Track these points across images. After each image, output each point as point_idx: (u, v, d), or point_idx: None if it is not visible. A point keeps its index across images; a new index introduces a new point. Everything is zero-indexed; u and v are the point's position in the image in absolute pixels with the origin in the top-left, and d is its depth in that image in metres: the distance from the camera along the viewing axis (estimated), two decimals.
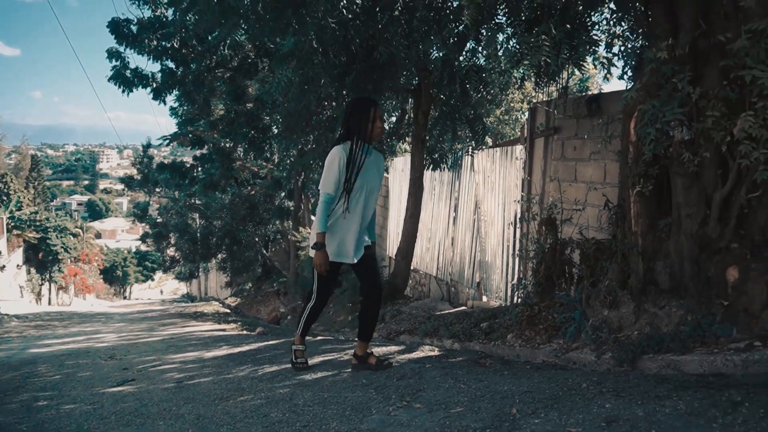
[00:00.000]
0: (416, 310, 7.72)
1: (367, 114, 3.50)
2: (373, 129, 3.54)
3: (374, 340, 6.59)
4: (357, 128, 3.50)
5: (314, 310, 3.97)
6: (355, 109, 3.56)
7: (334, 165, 3.49)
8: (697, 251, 3.49)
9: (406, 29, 4.76)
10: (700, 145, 3.34)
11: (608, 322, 3.98)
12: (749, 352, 2.97)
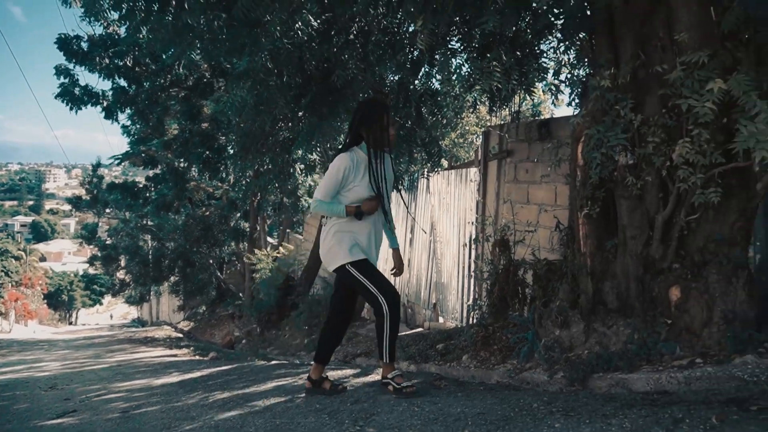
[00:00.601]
0: (373, 333, 7.68)
1: (381, 122, 3.32)
2: (387, 137, 3.37)
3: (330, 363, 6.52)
4: (371, 136, 3.32)
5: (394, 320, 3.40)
6: (366, 116, 3.36)
7: (339, 173, 3.28)
8: (642, 271, 3.62)
9: (361, 52, 4.81)
10: (643, 169, 3.48)
11: (560, 341, 4.05)
12: (691, 369, 3.08)
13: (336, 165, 3.27)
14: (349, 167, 3.27)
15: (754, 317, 3.28)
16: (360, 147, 3.35)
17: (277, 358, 7.99)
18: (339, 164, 3.26)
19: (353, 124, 3.40)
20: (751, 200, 3.31)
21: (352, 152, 3.33)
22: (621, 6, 3.60)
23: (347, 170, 3.26)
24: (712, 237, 3.36)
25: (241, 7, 4.01)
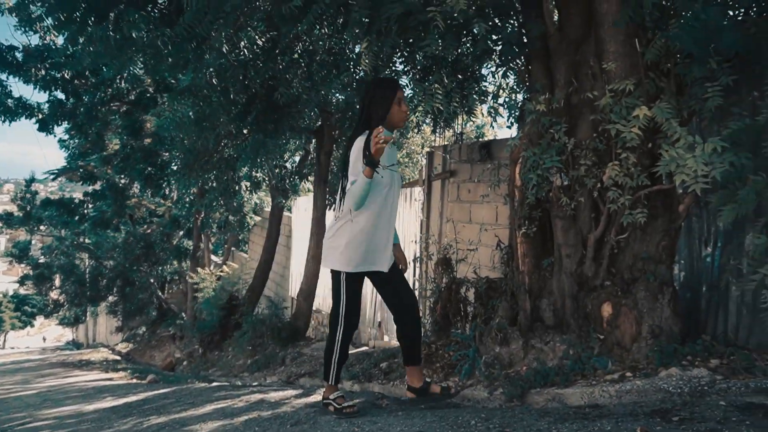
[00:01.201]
0: (318, 352, 7.59)
1: (390, 96, 3.05)
2: (395, 115, 3.08)
3: (272, 384, 6.39)
4: (377, 113, 3.03)
5: (345, 339, 3.25)
6: (375, 92, 3.10)
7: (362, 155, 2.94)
8: (577, 289, 3.75)
9: (306, 72, 4.83)
10: (576, 190, 3.63)
11: (500, 358, 4.13)
12: (622, 383, 3.20)
13: (357, 148, 2.97)
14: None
15: (678, 331, 3.46)
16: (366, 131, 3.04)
17: (218, 379, 7.76)
18: (359, 147, 2.96)
19: (364, 104, 3.12)
20: (674, 221, 3.50)
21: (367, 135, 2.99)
22: (555, 35, 3.77)
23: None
24: (639, 255, 3.53)
25: (185, 22, 3.97)
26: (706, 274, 3.85)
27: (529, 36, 3.79)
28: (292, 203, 11.87)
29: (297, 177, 8.86)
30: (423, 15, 3.51)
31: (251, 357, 8.75)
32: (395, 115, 3.10)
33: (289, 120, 5.81)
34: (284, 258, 12.45)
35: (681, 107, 3.28)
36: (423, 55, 4.66)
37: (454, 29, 3.81)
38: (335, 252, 3.18)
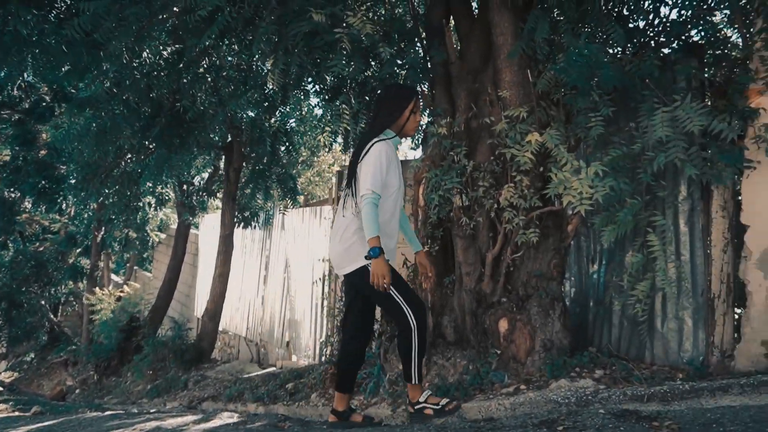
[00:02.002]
0: (223, 374, 7.33)
1: (406, 104, 2.93)
2: (408, 122, 2.96)
3: (171, 410, 6.08)
4: (390, 118, 2.91)
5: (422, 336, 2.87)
6: (392, 96, 2.98)
7: (384, 160, 2.79)
8: (476, 305, 3.89)
9: (212, 87, 4.72)
10: (475, 210, 3.79)
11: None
12: (516, 396, 3.33)
13: (379, 151, 2.80)
14: (389, 156, 2.86)
15: (568, 344, 3.66)
16: (385, 134, 2.92)
17: (113, 407, 7.26)
18: (382, 150, 2.81)
19: (380, 109, 2.98)
20: (564, 240, 3.74)
21: (384, 140, 2.88)
22: (457, 62, 3.95)
23: (389, 159, 2.85)
24: (533, 273, 3.72)
25: (77, 25, 3.75)
26: (593, 290, 4.12)
27: (433, 62, 3.94)
28: (200, 220, 11.46)
29: (205, 194, 8.58)
30: (330, 36, 3.56)
31: (151, 382, 8.28)
32: (409, 124, 2.97)
33: (196, 135, 5.63)
34: (190, 277, 11.96)
35: (569, 134, 3.53)
36: (332, 76, 4.71)
37: (362, 51, 3.89)
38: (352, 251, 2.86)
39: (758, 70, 2.95)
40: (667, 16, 3.60)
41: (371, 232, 2.70)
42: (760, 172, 2.98)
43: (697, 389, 2.46)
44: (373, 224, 2.70)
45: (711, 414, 2.08)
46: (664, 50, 3.59)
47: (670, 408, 2.42)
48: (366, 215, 2.71)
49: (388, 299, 2.82)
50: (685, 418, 2.12)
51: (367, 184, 2.73)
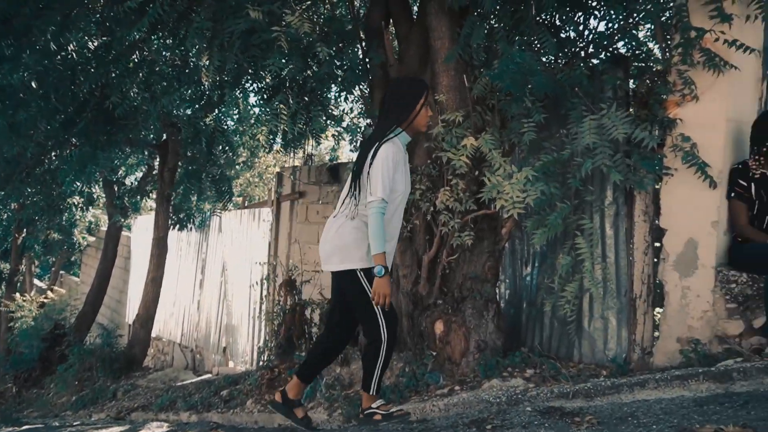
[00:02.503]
0: (155, 383, 7.05)
1: (418, 99, 2.80)
2: (419, 118, 2.84)
3: (97, 422, 5.79)
4: (402, 113, 2.79)
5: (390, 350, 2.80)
6: (402, 91, 2.86)
7: (392, 163, 2.68)
8: (412, 308, 3.91)
9: (144, 82, 4.54)
10: (412, 213, 3.81)
11: (340, 379, 4.16)
12: (450, 397, 3.37)
13: (386, 155, 2.70)
14: (396, 158, 2.75)
15: (501, 345, 3.74)
16: (393, 132, 2.81)
17: (33, 421, 6.84)
18: (389, 153, 2.70)
19: (389, 107, 2.85)
20: (498, 242, 3.82)
21: (392, 141, 2.78)
22: (395, 65, 3.97)
23: (397, 162, 2.75)
24: (468, 275, 3.78)
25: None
26: (526, 292, 4.23)
27: (371, 64, 3.94)
28: (132, 222, 11.00)
29: (138, 194, 8.25)
30: (267, 34, 3.50)
31: (77, 393, 7.84)
32: (421, 119, 2.85)
33: (126, 132, 5.40)
34: (121, 281, 11.46)
35: (503, 139, 3.61)
36: (270, 75, 4.64)
37: (300, 51, 3.85)
38: (346, 250, 2.76)
39: (676, 83, 3.12)
40: (595, 28, 3.75)
41: (378, 247, 2.60)
42: (676, 178, 3.15)
43: (618, 385, 2.56)
44: (381, 239, 2.61)
45: (627, 408, 2.18)
46: (593, 61, 3.74)
47: (592, 404, 2.51)
48: (373, 227, 2.61)
49: (367, 307, 2.73)
50: (605, 412, 2.20)
51: (378, 192, 2.62)
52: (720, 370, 2.39)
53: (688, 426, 1.85)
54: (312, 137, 4.66)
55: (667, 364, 3.15)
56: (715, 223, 3.06)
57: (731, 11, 2.94)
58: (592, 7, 3.72)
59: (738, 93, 3.13)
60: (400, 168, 2.77)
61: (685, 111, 3.14)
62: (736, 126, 3.13)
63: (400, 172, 2.77)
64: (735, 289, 3.00)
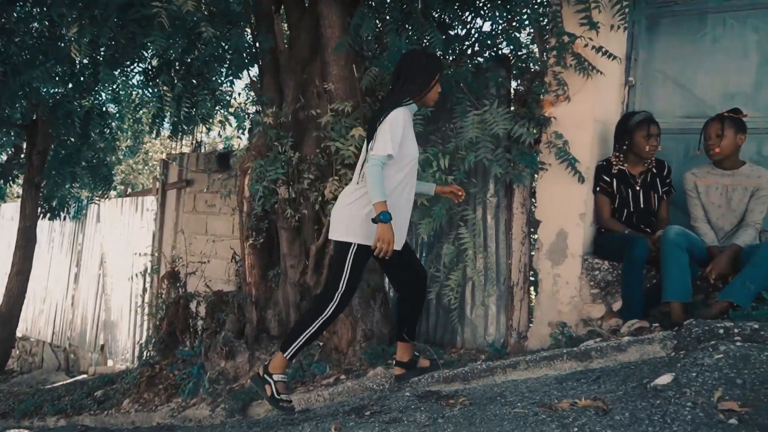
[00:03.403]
0: (20, 386, 6.43)
1: (435, 74, 2.80)
2: (431, 93, 2.83)
3: None
4: (418, 85, 2.76)
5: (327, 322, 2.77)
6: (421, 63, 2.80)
7: (401, 127, 2.65)
8: (300, 298, 3.87)
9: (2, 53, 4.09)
10: (300, 203, 3.76)
11: (225, 373, 4.02)
12: (335, 386, 3.37)
13: (398, 117, 2.66)
14: (407, 123, 2.75)
15: (388, 333, 3.80)
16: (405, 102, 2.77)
17: None
18: (401, 116, 2.68)
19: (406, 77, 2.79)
20: None
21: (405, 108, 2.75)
22: (285, 51, 3.88)
23: (405, 127, 2.72)
24: None
25: None
26: None
27: (261, 49, 3.83)
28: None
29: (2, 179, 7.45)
30: (147, 9, 3.28)
31: None
32: (432, 94, 2.85)
33: None
34: None
35: None
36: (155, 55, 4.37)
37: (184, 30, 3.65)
38: (354, 221, 2.71)
39: (551, 84, 3.31)
40: (481, 27, 3.89)
41: (378, 195, 2.56)
42: (550, 173, 3.35)
43: (492, 368, 2.68)
44: (380, 187, 2.57)
45: (498, 388, 2.29)
46: (479, 59, 3.89)
47: (469, 386, 2.61)
48: (371, 177, 2.57)
49: (339, 271, 2.75)
50: (477, 393, 2.30)
51: (381, 150, 2.60)
52: (581, 349, 2.57)
53: (548, 401, 1.97)
54: (201, 122, 4.45)
55: (539, 346, 3.35)
56: (582, 215, 3.29)
57: (598, 20, 3.17)
58: (478, 8, 3.86)
59: (604, 96, 3.38)
60: (409, 133, 2.80)
61: (558, 110, 3.34)
62: (602, 126, 3.38)
63: (410, 138, 2.80)
64: (598, 275, 3.25)
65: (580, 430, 1.70)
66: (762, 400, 1.59)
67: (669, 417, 1.61)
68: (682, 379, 1.78)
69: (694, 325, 2.31)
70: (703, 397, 1.66)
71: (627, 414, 1.71)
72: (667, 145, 3.42)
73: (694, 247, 2.84)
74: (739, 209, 2.96)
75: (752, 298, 2.56)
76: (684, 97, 3.44)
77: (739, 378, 1.70)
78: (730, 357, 1.81)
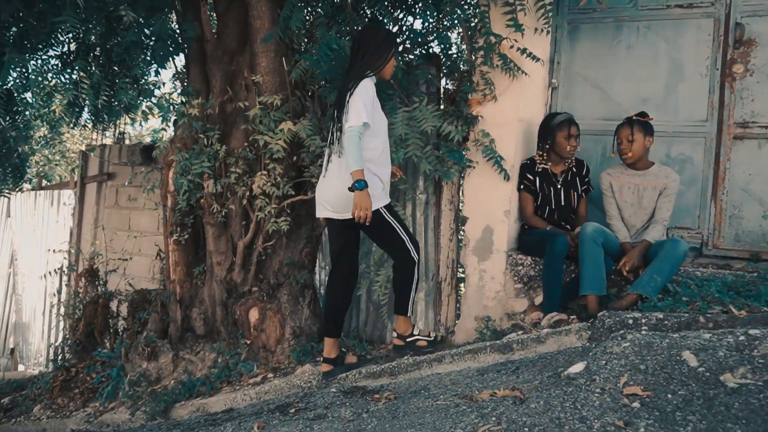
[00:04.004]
0: None
1: (390, 48, 2.97)
2: (388, 66, 2.98)
3: None
4: (377, 59, 2.91)
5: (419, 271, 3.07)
6: (378, 38, 2.95)
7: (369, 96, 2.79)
8: (226, 296, 3.77)
9: None
10: (227, 198, 3.66)
11: (147, 375, 3.86)
12: (262, 385, 3.31)
13: (367, 87, 2.82)
14: (374, 94, 2.89)
15: (317, 331, 3.76)
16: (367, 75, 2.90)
17: None
18: (369, 86, 2.84)
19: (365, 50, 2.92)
20: (316, 229, 3.83)
21: (370, 78, 2.91)
22: (212, 41, 3.77)
23: (374, 97, 2.88)
24: (285, 261, 3.74)
25: None
26: None
27: (186, 37, 3.69)
28: None
29: None
30: None
31: None
32: (389, 67, 3.02)
33: None
34: None
35: (323, 126, 3.61)
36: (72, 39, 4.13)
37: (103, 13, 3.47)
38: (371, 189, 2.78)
39: (479, 83, 3.39)
40: (412, 25, 3.92)
41: (356, 163, 2.68)
42: (477, 171, 3.43)
43: (419, 362, 2.72)
44: (358, 155, 2.70)
45: (423, 382, 2.31)
46: (410, 56, 3.91)
47: (396, 381, 2.63)
48: (350, 145, 2.69)
49: (392, 234, 2.91)
50: (402, 387, 2.32)
51: (356, 119, 2.72)
52: (503, 342, 2.65)
53: (470, 393, 2.01)
54: (125, 113, 4.24)
55: (466, 341, 3.42)
56: (507, 212, 3.38)
57: (524, 23, 3.27)
58: (409, 5, 3.88)
59: (529, 96, 3.49)
60: (377, 105, 2.93)
61: (485, 109, 3.42)
62: (527, 126, 3.49)
63: (378, 106, 2.95)
64: (522, 270, 3.35)
65: (497, 418, 1.74)
66: (661, 383, 1.68)
67: (579, 403, 1.68)
68: (593, 367, 1.86)
69: (607, 317, 2.43)
70: (611, 383, 1.74)
71: (542, 402, 1.77)
72: (586, 146, 3.58)
73: (609, 242, 2.98)
74: (649, 207, 3.13)
75: (659, 291, 2.72)
76: (602, 100, 3.61)
77: (643, 364, 1.80)
78: (635, 345, 1.91)
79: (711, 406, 1.54)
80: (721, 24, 3.31)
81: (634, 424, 1.53)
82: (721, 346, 1.79)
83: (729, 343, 1.80)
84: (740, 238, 3.29)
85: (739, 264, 3.12)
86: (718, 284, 2.67)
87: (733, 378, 1.64)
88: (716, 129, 3.32)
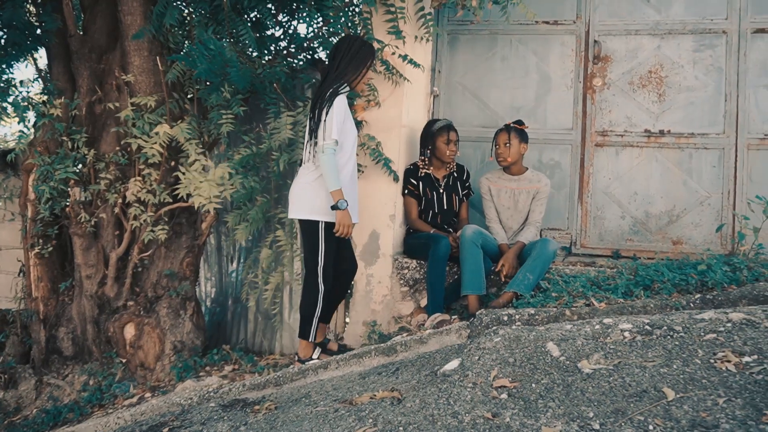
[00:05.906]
0: None
1: (367, 61, 2.99)
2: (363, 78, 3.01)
3: None
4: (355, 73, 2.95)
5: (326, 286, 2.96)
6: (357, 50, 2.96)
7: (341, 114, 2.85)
8: (98, 312, 3.49)
9: None
10: (97, 206, 3.40)
11: (4, 404, 3.47)
12: (138, 405, 3.08)
13: (340, 106, 2.86)
14: (347, 110, 2.93)
15: (201, 344, 3.59)
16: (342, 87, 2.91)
17: None
18: (342, 105, 2.89)
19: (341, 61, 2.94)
20: (197, 238, 3.65)
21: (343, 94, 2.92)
22: (78, 36, 3.49)
23: (346, 112, 2.92)
24: (164, 272, 3.53)
25: None
26: (232, 289, 4.16)
27: (45, 30, 3.39)
28: None
29: None
30: None
31: None
32: (364, 79, 3.05)
33: None
34: None
35: (203, 130, 3.47)
36: None
37: None
38: (317, 199, 2.88)
39: (363, 89, 3.42)
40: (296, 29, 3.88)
41: (334, 184, 2.79)
42: (363, 176, 3.45)
43: (304, 370, 2.66)
44: (335, 175, 2.79)
45: (305, 389, 2.27)
46: (294, 60, 3.87)
47: (281, 390, 2.55)
48: (327, 166, 2.78)
49: (313, 251, 2.93)
50: (284, 397, 2.26)
51: (332, 135, 2.79)
52: (388, 345, 2.66)
53: (350, 397, 2.00)
54: None
55: (355, 346, 3.42)
56: (392, 216, 3.43)
57: (404, 30, 3.35)
58: (293, 10, 3.84)
59: (411, 103, 3.57)
60: (349, 117, 2.98)
61: (370, 114, 3.46)
62: (409, 131, 3.57)
63: (350, 121, 2.99)
64: (407, 274, 3.41)
65: (374, 420, 1.74)
66: (527, 374, 1.77)
67: (452, 399, 1.72)
68: (467, 363, 1.92)
69: (485, 315, 2.53)
70: (482, 378, 1.80)
71: (417, 400, 1.79)
72: (466, 152, 3.73)
73: (487, 244, 3.12)
74: (524, 210, 3.31)
75: (532, 288, 2.88)
76: (480, 108, 3.78)
77: (512, 357, 1.88)
78: (506, 339, 1.99)
79: (569, 391, 1.63)
80: (582, 41, 3.60)
81: (501, 414, 1.59)
82: (580, 336, 1.92)
83: (586, 332, 1.94)
84: (603, 237, 3.58)
85: (602, 261, 3.39)
86: (583, 280, 2.87)
87: (589, 364, 1.75)
88: (581, 137, 3.59)
